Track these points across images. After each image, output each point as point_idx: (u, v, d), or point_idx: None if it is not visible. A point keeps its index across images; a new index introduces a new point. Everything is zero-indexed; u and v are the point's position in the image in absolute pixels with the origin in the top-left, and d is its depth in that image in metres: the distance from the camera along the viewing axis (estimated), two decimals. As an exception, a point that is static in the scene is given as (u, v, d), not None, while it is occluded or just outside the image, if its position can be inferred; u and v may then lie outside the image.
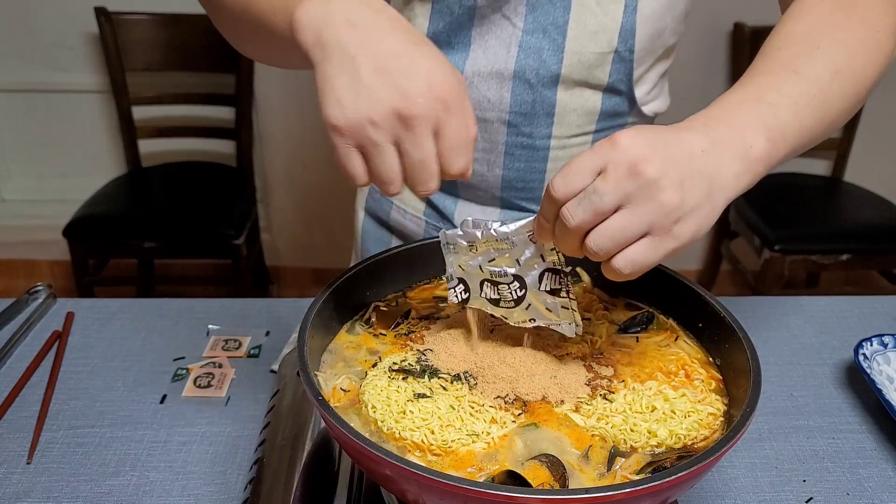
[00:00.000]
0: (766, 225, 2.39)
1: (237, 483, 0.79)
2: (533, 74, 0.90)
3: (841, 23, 0.69)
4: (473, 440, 0.62)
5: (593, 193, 0.55)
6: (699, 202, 0.56)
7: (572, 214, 0.57)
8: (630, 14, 0.88)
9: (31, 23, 2.62)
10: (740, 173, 0.59)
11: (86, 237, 2.31)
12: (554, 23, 0.88)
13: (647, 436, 0.62)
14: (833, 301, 1.12)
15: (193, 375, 0.94)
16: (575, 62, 0.89)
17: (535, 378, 0.68)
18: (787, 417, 0.90)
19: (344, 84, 0.57)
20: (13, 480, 0.79)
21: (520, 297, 0.68)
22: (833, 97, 0.66)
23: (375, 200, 1.13)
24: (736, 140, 0.60)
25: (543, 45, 0.89)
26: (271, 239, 2.93)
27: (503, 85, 0.92)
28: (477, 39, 0.91)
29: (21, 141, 2.84)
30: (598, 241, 0.56)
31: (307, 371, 0.62)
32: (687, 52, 2.53)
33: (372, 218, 1.15)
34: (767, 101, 0.63)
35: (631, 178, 0.55)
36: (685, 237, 0.56)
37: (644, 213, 0.55)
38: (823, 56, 0.67)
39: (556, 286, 0.66)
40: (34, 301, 1.07)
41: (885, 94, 2.64)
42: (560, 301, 0.67)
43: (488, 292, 0.70)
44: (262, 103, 2.67)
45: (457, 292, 0.72)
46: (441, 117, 0.58)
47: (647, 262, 0.56)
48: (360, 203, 1.17)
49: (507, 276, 0.68)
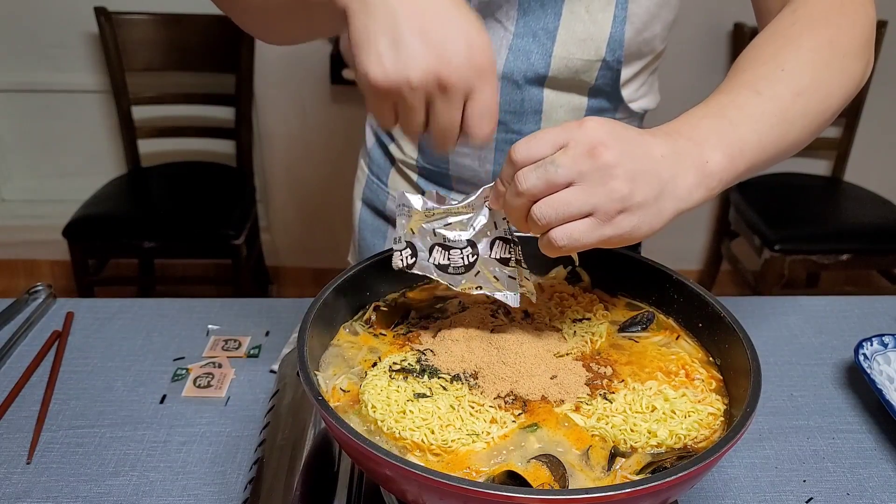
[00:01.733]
0: (766, 225, 2.39)
1: (237, 483, 0.79)
2: (521, 76, 0.91)
3: (808, 45, 0.71)
4: (473, 440, 0.62)
5: (550, 164, 0.58)
6: (647, 200, 0.59)
7: (525, 178, 0.59)
8: (619, 24, 0.89)
9: (31, 23, 2.62)
10: (694, 186, 0.61)
11: (86, 237, 2.31)
12: (544, 28, 0.89)
13: (648, 436, 0.62)
14: (833, 301, 1.12)
15: (193, 375, 0.94)
16: (562, 66, 0.90)
17: (535, 378, 0.68)
18: (787, 417, 0.90)
19: (385, 42, 0.58)
20: (13, 480, 0.79)
21: (471, 263, 0.69)
22: (795, 118, 0.68)
23: (372, 191, 1.14)
24: (694, 152, 0.62)
25: (532, 48, 0.90)
26: (271, 239, 2.94)
27: None
28: None
29: (21, 141, 2.84)
30: (543, 210, 0.59)
31: (307, 371, 0.62)
32: (687, 52, 2.53)
33: (369, 208, 1.16)
34: (728, 118, 0.65)
35: (588, 158, 0.57)
36: (624, 229, 0.59)
37: (592, 193, 0.57)
38: (787, 77, 0.68)
39: (505, 255, 0.68)
40: (34, 301, 1.07)
41: (884, 95, 2.64)
42: (508, 270, 0.67)
43: (438, 257, 0.70)
44: (262, 103, 2.67)
45: (403, 256, 0.71)
46: (475, 84, 0.60)
47: (582, 240, 0.59)
48: (357, 194, 1.18)
49: (461, 241, 0.68)
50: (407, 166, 1.08)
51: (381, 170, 1.12)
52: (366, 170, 1.16)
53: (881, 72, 2.54)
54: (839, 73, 0.72)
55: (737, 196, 2.60)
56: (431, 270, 0.71)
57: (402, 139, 1.07)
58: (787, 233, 2.36)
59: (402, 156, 1.07)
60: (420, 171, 1.07)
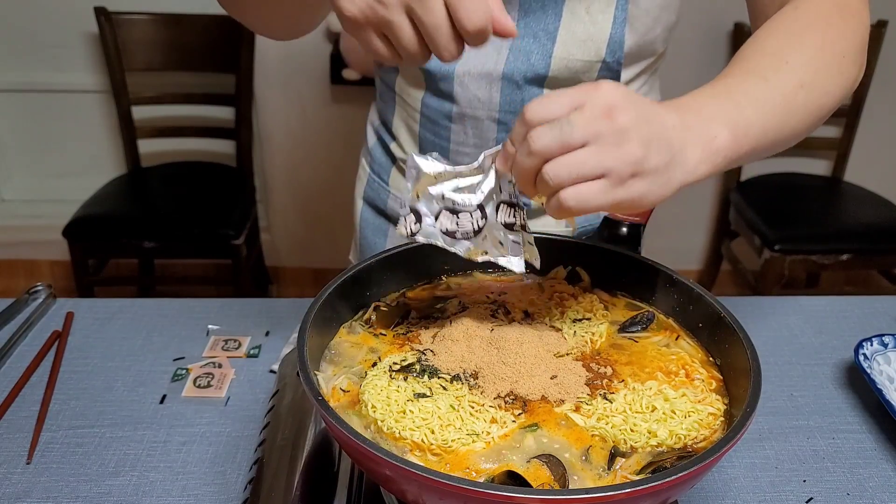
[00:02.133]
0: (766, 225, 2.39)
1: (237, 483, 0.79)
2: (521, 76, 0.91)
3: (810, 43, 0.73)
4: (473, 440, 0.62)
5: (566, 123, 0.57)
6: (658, 167, 0.59)
7: (539, 137, 0.58)
8: (619, 26, 0.89)
9: (31, 23, 2.62)
10: (700, 160, 0.62)
11: (86, 237, 2.31)
12: (545, 29, 0.89)
13: (647, 436, 0.62)
14: (833, 301, 1.12)
15: (193, 375, 0.94)
16: (562, 67, 0.91)
17: (535, 378, 0.68)
18: (787, 417, 0.90)
19: None
20: (13, 480, 0.79)
21: (479, 227, 0.67)
22: (796, 108, 0.70)
23: (374, 189, 1.14)
24: (702, 127, 0.63)
25: (533, 48, 0.90)
26: (271, 239, 2.93)
27: (492, 85, 0.93)
28: None
29: (21, 141, 2.84)
30: (556, 170, 0.57)
31: (307, 371, 0.62)
32: (687, 52, 2.53)
33: (370, 207, 1.16)
34: (735, 99, 0.66)
35: (605, 120, 0.57)
36: (635, 193, 0.59)
37: (607, 155, 0.57)
38: (791, 70, 0.70)
39: (510, 219, 0.66)
40: (34, 301, 1.07)
41: (884, 94, 2.64)
42: (513, 235, 0.66)
43: (445, 223, 0.68)
44: (262, 103, 2.67)
45: (407, 223, 0.69)
46: None
47: (593, 202, 0.58)
48: (358, 192, 1.18)
49: (471, 205, 0.67)
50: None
51: (383, 168, 1.12)
52: (367, 168, 1.16)
53: (881, 72, 2.54)
54: (837, 74, 0.74)
55: (737, 196, 2.60)
56: (437, 237, 0.69)
57: (402, 138, 1.07)
58: (787, 233, 2.36)
59: (403, 154, 1.07)
60: None
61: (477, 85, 0.94)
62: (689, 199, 2.86)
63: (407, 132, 1.06)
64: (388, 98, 1.07)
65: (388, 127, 1.10)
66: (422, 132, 1.03)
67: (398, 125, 1.07)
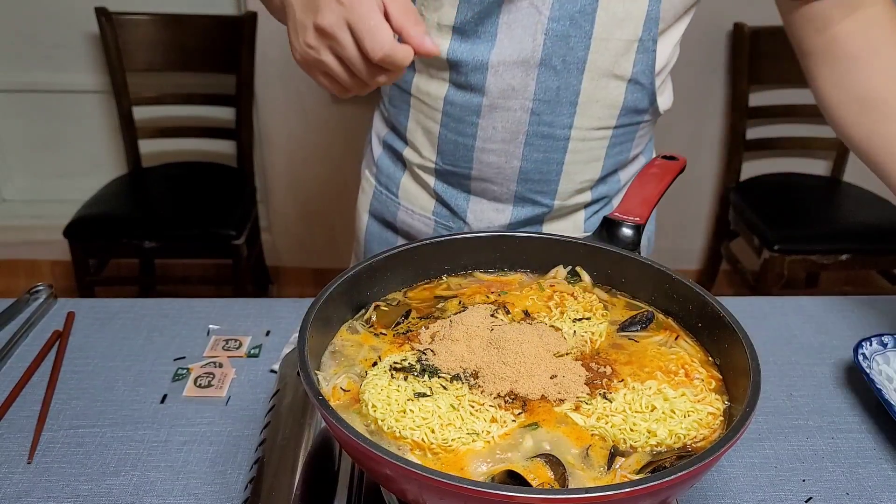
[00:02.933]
0: (766, 225, 2.39)
1: (237, 483, 0.80)
2: (560, 61, 0.91)
3: None
4: (473, 439, 0.62)
5: None
6: None
7: None
8: (655, 2, 0.90)
9: (32, 23, 2.62)
10: None
11: (86, 237, 2.31)
12: (581, 10, 0.89)
13: (647, 435, 0.63)
14: (832, 301, 1.12)
15: (194, 375, 0.95)
16: (602, 49, 0.90)
17: (535, 378, 0.68)
18: (786, 417, 0.90)
19: (290, 27, 0.74)
20: (14, 480, 0.79)
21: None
22: None
23: (381, 202, 1.12)
24: None
25: (571, 32, 0.90)
26: (271, 239, 2.94)
27: (528, 73, 0.93)
28: (503, 28, 0.92)
29: (22, 141, 2.85)
30: None
31: (307, 371, 0.62)
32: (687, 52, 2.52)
33: (377, 220, 1.14)
34: None
35: None
36: None
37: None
38: None
39: None
40: (35, 301, 1.07)
41: (885, 95, 2.64)
42: None
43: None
44: (262, 103, 2.68)
45: None
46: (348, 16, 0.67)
47: None
48: (362, 206, 1.16)
49: None
50: (424, 170, 1.06)
51: (391, 180, 1.11)
52: (372, 181, 1.14)
53: (881, 72, 2.54)
54: None
55: (736, 196, 2.61)
56: None
57: (418, 141, 1.06)
58: (787, 233, 2.36)
59: (419, 160, 1.06)
60: (438, 174, 1.05)
61: (512, 74, 0.93)
62: (689, 200, 2.86)
63: (424, 135, 1.04)
64: (401, 101, 1.05)
65: (399, 133, 1.08)
66: (443, 132, 1.01)
67: (414, 129, 1.05)
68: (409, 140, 1.07)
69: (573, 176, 1.03)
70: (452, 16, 0.93)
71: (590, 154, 1.01)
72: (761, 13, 2.53)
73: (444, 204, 1.06)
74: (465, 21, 0.92)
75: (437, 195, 1.06)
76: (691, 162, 1.03)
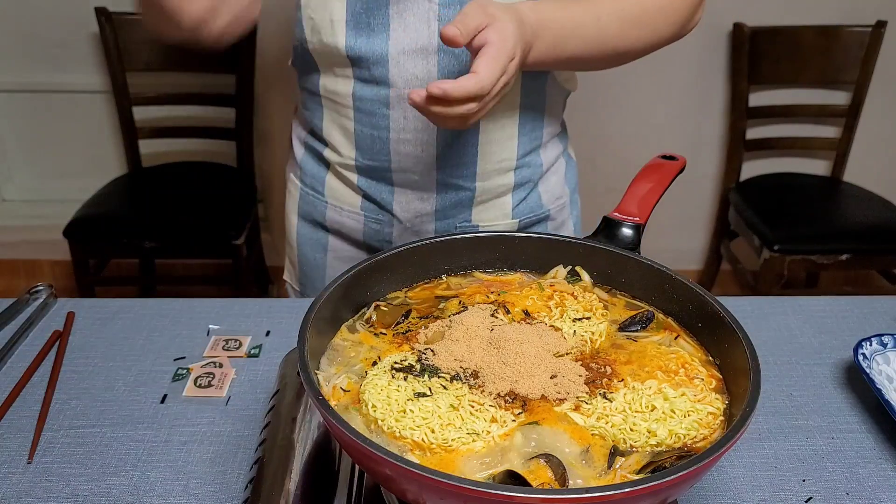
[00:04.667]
0: (766, 225, 2.39)
1: (237, 482, 0.80)
2: None
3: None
4: (473, 439, 0.62)
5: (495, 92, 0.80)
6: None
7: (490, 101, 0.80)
8: None
9: (32, 23, 2.62)
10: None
11: (86, 237, 2.31)
12: None
13: (647, 435, 0.63)
14: (832, 301, 1.12)
15: (194, 375, 0.95)
16: None
17: (535, 377, 0.68)
18: (786, 417, 0.90)
19: None
20: (14, 480, 0.79)
21: None
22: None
23: (309, 203, 1.13)
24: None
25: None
26: (271, 239, 2.94)
27: (429, 60, 0.94)
28: (395, 18, 0.94)
29: (22, 141, 2.85)
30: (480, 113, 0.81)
31: (307, 371, 0.62)
32: (687, 52, 2.53)
33: (307, 221, 1.15)
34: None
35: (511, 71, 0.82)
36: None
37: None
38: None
39: None
40: (35, 301, 1.07)
41: (884, 94, 2.64)
42: None
43: None
44: (262, 103, 2.68)
45: None
46: None
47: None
48: (290, 209, 1.17)
49: None
50: (346, 168, 1.07)
51: (316, 180, 1.11)
52: (297, 183, 1.15)
53: (880, 72, 2.54)
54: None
55: (736, 196, 2.61)
56: None
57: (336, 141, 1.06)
58: (787, 233, 2.36)
59: (339, 158, 1.07)
60: (360, 170, 1.06)
61: (413, 63, 0.94)
62: (689, 200, 2.86)
63: (341, 133, 1.05)
64: (313, 104, 1.07)
65: (317, 134, 1.09)
66: (357, 128, 1.02)
67: (329, 129, 1.06)
68: (327, 140, 1.08)
69: (490, 156, 1.05)
70: (343, 11, 0.94)
71: (503, 133, 1.04)
72: (761, 13, 2.53)
73: (369, 199, 1.08)
74: (357, 13, 0.94)
75: (361, 191, 1.08)
76: (691, 162, 1.03)
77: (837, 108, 2.60)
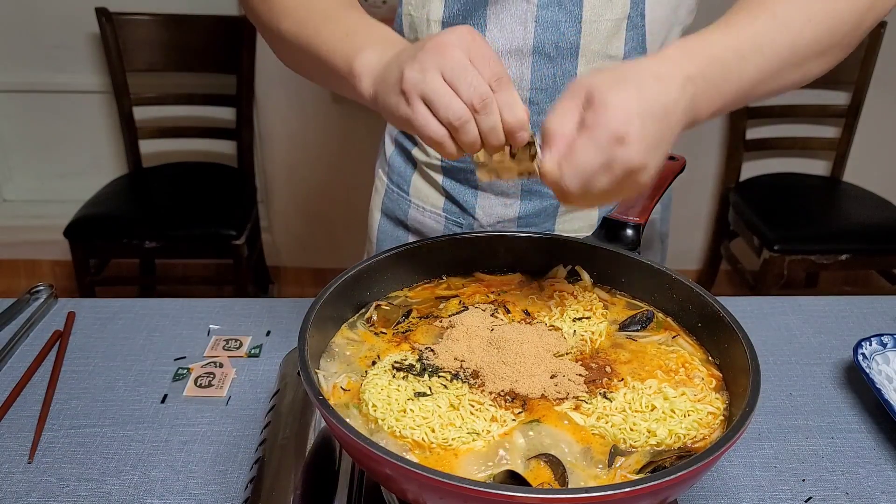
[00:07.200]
0: (766, 225, 2.39)
1: (238, 482, 0.80)
2: (552, 48, 0.91)
3: None
4: (474, 438, 0.62)
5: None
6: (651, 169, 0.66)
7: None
8: None
9: (33, 23, 2.62)
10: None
11: (87, 237, 2.31)
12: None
13: (647, 435, 0.63)
14: (832, 301, 1.12)
15: (194, 375, 0.95)
16: (593, 31, 0.90)
17: (535, 377, 0.68)
18: (786, 417, 0.90)
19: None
20: (14, 480, 0.79)
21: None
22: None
23: (393, 201, 1.13)
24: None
25: (560, 17, 0.90)
26: (272, 239, 2.94)
27: (523, 62, 0.93)
28: (492, 19, 0.92)
29: (22, 141, 2.85)
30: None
31: (307, 370, 0.62)
32: (687, 52, 2.53)
33: (389, 219, 1.15)
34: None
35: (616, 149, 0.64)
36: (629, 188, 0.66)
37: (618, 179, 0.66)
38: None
39: None
40: (35, 301, 1.07)
41: (884, 95, 2.64)
42: None
43: None
44: (262, 104, 2.68)
45: None
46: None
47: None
48: (375, 204, 1.17)
49: None
50: (432, 168, 1.07)
51: (402, 178, 1.11)
52: (385, 180, 1.15)
53: (880, 72, 2.54)
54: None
55: (736, 196, 2.61)
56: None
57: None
58: (787, 233, 2.36)
59: (426, 158, 1.06)
60: (445, 171, 1.06)
61: (507, 64, 0.93)
62: (689, 200, 2.86)
63: None
64: None
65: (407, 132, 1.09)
66: None
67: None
68: (416, 139, 1.07)
69: None
70: (441, 10, 0.94)
71: None
72: (761, 13, 2.53)
73: (452, 200, 1.07)
74: (454, 14, 0.93)
75: (445, 192, 1.07)
76: (691, 162, 1.02)
77: (837, 108, 2.60)
